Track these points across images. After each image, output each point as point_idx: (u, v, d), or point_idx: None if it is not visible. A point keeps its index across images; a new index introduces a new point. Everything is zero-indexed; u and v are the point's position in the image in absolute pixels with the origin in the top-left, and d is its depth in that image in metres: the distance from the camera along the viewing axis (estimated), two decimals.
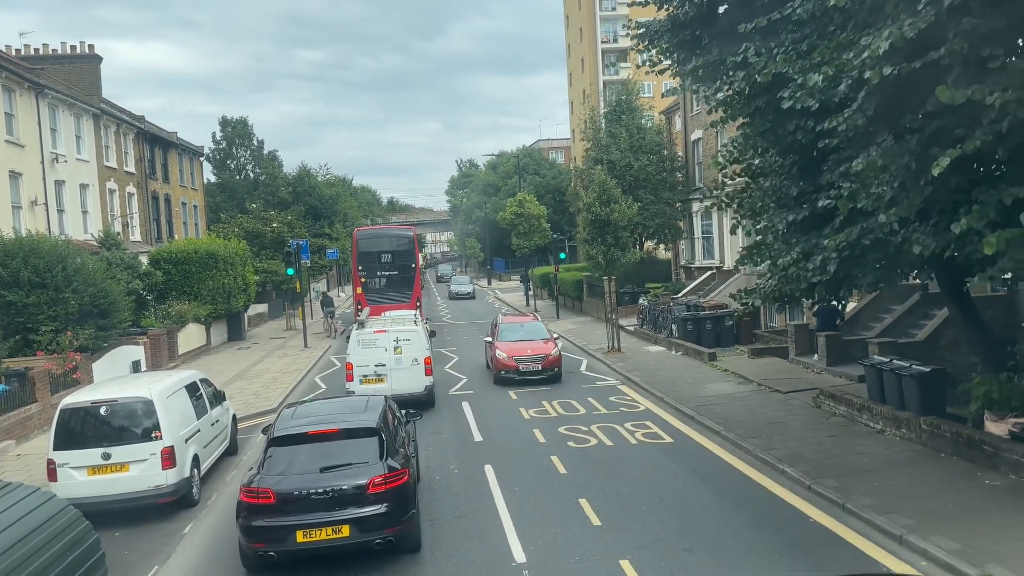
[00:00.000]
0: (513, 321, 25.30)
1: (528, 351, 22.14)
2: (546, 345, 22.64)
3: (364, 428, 10.74)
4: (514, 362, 21.86)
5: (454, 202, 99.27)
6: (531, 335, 23.28)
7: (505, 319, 25.55)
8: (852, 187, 11.58)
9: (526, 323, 24.76)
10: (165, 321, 29.01)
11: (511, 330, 23.67)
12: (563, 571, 9.71)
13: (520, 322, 25.03)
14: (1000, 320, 17.07)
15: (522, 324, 24.50)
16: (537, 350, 22.24)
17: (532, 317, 26.44)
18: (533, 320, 25.57)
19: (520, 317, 27.01)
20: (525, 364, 21.78)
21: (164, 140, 41.16)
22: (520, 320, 25.70)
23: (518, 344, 22.57)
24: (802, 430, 15.13)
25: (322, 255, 51.61)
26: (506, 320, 25.36)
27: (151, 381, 13.61)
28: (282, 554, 9.80)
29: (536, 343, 22.76)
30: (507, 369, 21.92)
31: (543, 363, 21.85)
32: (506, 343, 22.76)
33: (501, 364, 22.12)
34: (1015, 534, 9.53)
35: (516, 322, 24.99)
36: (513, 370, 21.78)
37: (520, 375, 21.71)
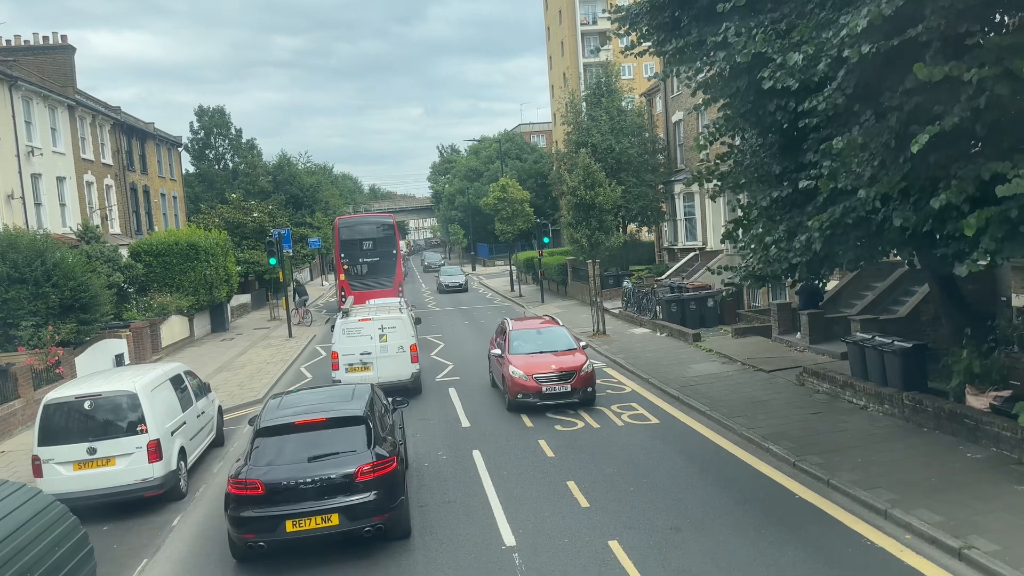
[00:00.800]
0: (526, 326, 19.52)
1: (552, 366, 16.92)
2: (574, 357, 17.41)
3: (351, 417, 10.72)
4: (534, 382, 16.63)
5: (436, 188, 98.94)
6: (552, 344, 18.23)
7: (516, 324, 19.67)
8: (832, 166, 11.64)
9: (544, 329, 19.15)
10: (147, 314, 28.80)
11: (525, 339, 18.43)
12: (553, 553, 9.78)
13: (535, 327, 19.39)
14: (980, 295, 17.26)
15: (539, 330, 19.01)
16: (564, 365, 16.99)
17: (549, 320, 20.34)
18: (551, 324, 19.68)
19: (534, 321, 20.73)
20: (549, 384, 16.61)
21: (141, 131, 40.69)
22: (535, 324, 19.80)
23: (537, 358, 17.41)
24: (786, 408, 15.27)
25: (304, 244, 51.34)
26: (517, 326, 19.46)
27: (135, 374, 13.52)
28: (272, 544, 9.80)
29: (561, 355, 17.55)
30: (525, 392, 16.68)
31: (573, 381, 16.66)
32: (521, 357, 17.47)
33: (517, 385, 16.77)
34: (996, 505, 9.69)
35: (531, 327, 19.34)
36: (534, 393, 16.62)
37: (544, 399, 16.62)
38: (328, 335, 31.20)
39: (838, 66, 10.50)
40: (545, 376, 16.74)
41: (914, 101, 9.84)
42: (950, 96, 9.32)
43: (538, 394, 16.63)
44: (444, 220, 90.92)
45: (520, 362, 17.27)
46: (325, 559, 10.06)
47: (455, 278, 52.80)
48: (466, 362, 23.91)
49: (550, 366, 16.97)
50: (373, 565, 9.87)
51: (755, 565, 9.02)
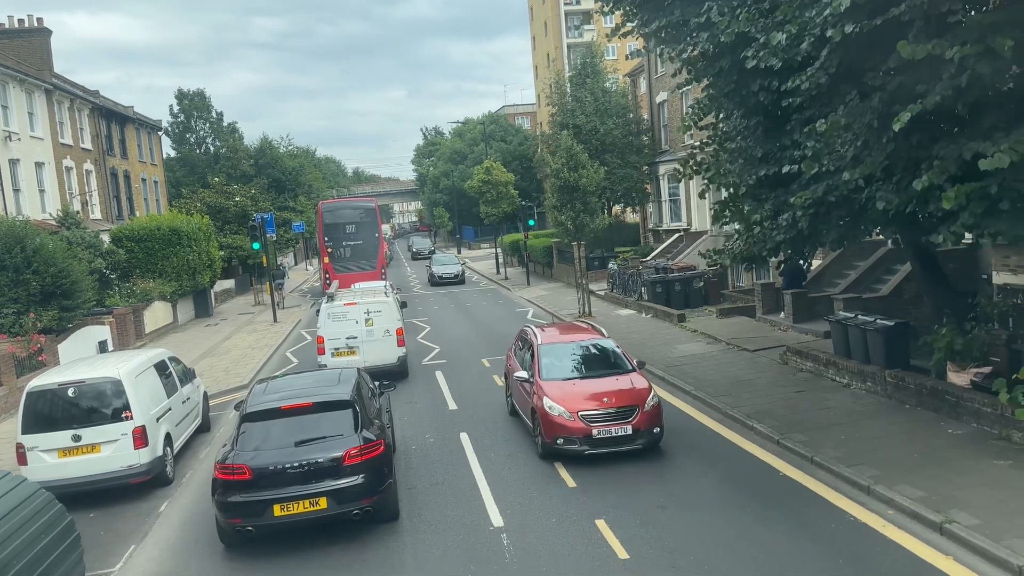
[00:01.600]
0: (560, 338, 14.52)
1: (605, 399, 12.32)
2: (632, 383, 12.81)
3: (338, 401, 10.72)
4: (581, 422, 11.98)
5: (421, 171, 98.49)
6: (598, 364, 13.69)
7: (545, 335, 14.63)
8: (816, 146, 11.68)
9: (585, 341, 14.35)
10: (130, 300, 28.59)
11: (560, 356, 13.75)
12: (540, 533, 9.85)
13: (572, 338, 14.53)
14: (961, 273, 17.42)
15: (579, 345, 14.18)
16: (620, 396, 12.39)
17: (587, 328, 15.49)
18: (591, 334, 14.85)
19: (568, 330, 15.56)
20: (602, 424, 12.00)
21: (120, 115, 40.18)
22: (571, 335, 14.84)
23: (581, 386, 12.82)
24: (770, 387, 15.40)
25: (288, 228, 51.04)
26: (547, 338, 14.45)
27: (119, 361, 13.44)
28: (260, 528, 9.82)
29: (613, 381, 12.93)
30: (568, 435, 12.02)
31: (635, 420, 12.06)
32: (557, 385, 12.80)
33: (556, 426, 12.13)
34: (976, 480, 9.84)
35: (565, 339, 14.45)
36: (581, 436, 11.96)
37: (596, 446, 11.99)
38: (313, 320, 31.09)
39: (821, 45, 10.51)
40: (596, 413, 12.13)
41: (897, 80, 9.87)
42: (932, 75, 9.35)
43: (587, 439, 11.94)
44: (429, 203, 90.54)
45: (558, 392, 12.61)
46: (313, 543, 10.09)
47: (449, 268, 45.22)
48: (453, 345, 23.92)
49: (601, 399, 12.34)
50: (361, 548, 9.90)
51: (739, 542, 9.12)
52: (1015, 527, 8.47)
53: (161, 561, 10.12)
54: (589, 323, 17.10)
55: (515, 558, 9.25)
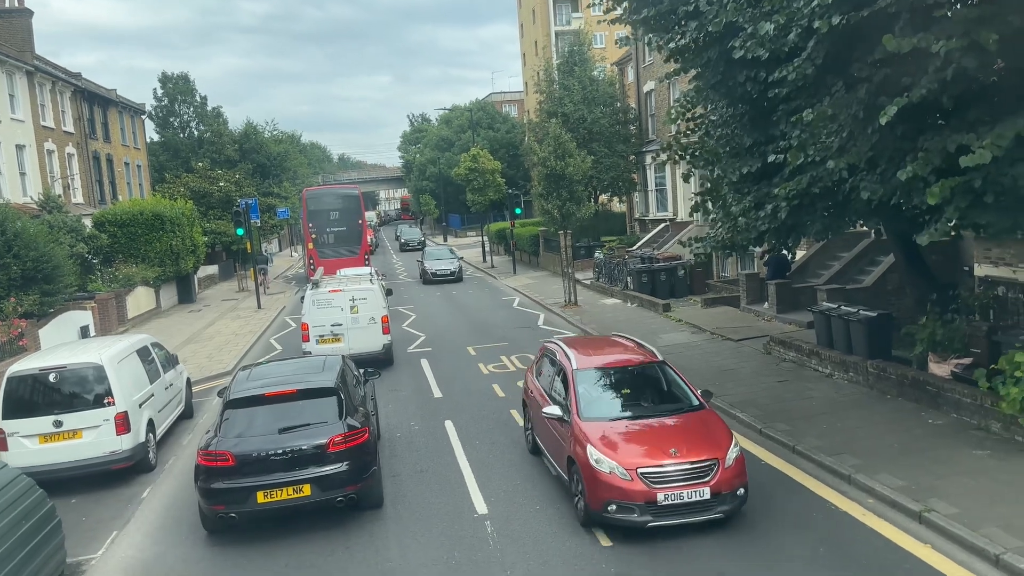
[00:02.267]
0: (600, 361, 11.25)
1: (671, 449, 9.29)
2: (706, 425, 9.93)
3: (322, 388, 10.70)
4: (642, 483, 9.01)
5: (407, 158, 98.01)
6: (655, 397, 10.72)
7: (580, 354, 11.33)
8: (801, 137, 11.72)
9: (633, 362, 11.21)
10: (112, 285, 28.33)
11: (604, 385, 10.77)
12: (524, 520, 9.89)
13: (619, 360, 11.26)
14: (944, 264, 17.57)
15: (628, 368, 11.08)
16: (692, 444, 9.41)
17: (632, 347, 11.88)
18: (639, 352, 11.55)
19: (609, 347, 12.15)
20: (672, 485, 9.03)
21: (103, 98, 39.70)
22: (613, 355, 11.51)
23: (636, 430, 9.81)
24: (753, 376, 15.50)
25: (272, 214, 50.73)
26: (584, 359, 11.18)
27: (101, 346, 13.34)
28: (243, 515, 9.81)
29: (678, 422, 10.02)
30: (624, 500, 9.04)
31: (714, 480, 9.10)
32: (603, 426, 9.82)
33: (606, 487, 9.12)
34: (955, 470, 9.96)
35: (610, 363, 11.17)
36: (642, 503, 8.99)
37: (660, 515, 9.00)
38: (298, 307, 30.97)
39: (808, 36, 10.54)
40: (662, 471, 9.04)
41: (883, 73, 9.91)
42: (918, 68, 9.39)
43: (650, 507, 8.94)
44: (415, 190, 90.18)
45: (606, 439, 9.49)
46: (297, 529, 10.08)
47: (444, 264, 38.58)
48: (438, 333, 23.90)
49: (667, 449, 9.25)
50: (344, 535, 9.91)
51: (720, 532, 9.18)
52: (992, 516, 8.59)
53: (143, 547, 10.08)
54: (632, 340, 11.91)
55: (499, 545, 9.29)
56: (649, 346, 11.84)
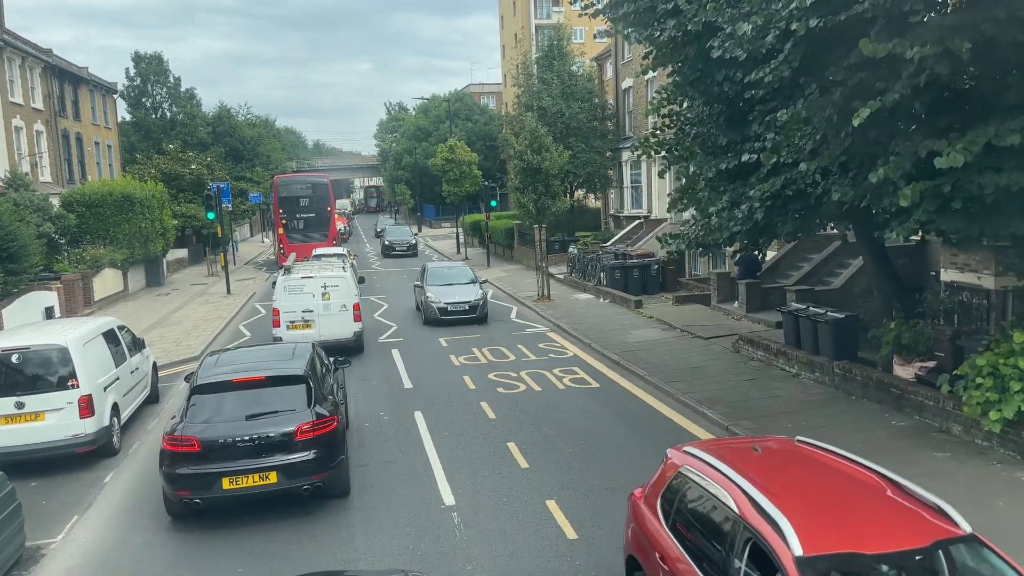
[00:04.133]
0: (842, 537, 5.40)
1: None
2: None
3: (291, 376, 10.61)
4: None
5: (383, 147, 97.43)
6: None
7: (803, 527, 5.32)
8: (776, 139, 11.84)
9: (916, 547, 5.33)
10: (79, 266, 27.87)
11: None
12: (491, 512, 9.91)
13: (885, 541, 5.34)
14: (911, 269, 17.85)
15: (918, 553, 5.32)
16: None
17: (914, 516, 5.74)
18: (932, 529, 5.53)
19: (822, 473, 6.44)
20: None
21: (74, 75, 38.97)
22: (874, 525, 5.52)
23: None
24: (722, 374, 15.65)
25: (244, 199, 50.20)
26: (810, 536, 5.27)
27: (66, 328, 13.12)
28: (208, 501, 9.71)
29: None
30: None
31: None
32: None
33: None
34: (917, 471, 10.11)
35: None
36: None
37: None
38: (267, 293, 30.68)
39: (786, 38, 10.64)
40: None
41: (857, 77, 10.03)
42: (892, 73, 9.53)
43: None
44: (391, 180, 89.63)
45: None
46: (262, 516, 10.01)
47: (461, 293, 25.95)
48: (410, 324, 23.81)
49: None
50: (311, 523, 9.85)
51: None
52: None
53: (105, 532, 9.95)
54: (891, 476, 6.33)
55: (465, 536, 9.30)
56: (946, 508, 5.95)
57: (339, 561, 8.90)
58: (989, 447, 10.65)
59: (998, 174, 9.12)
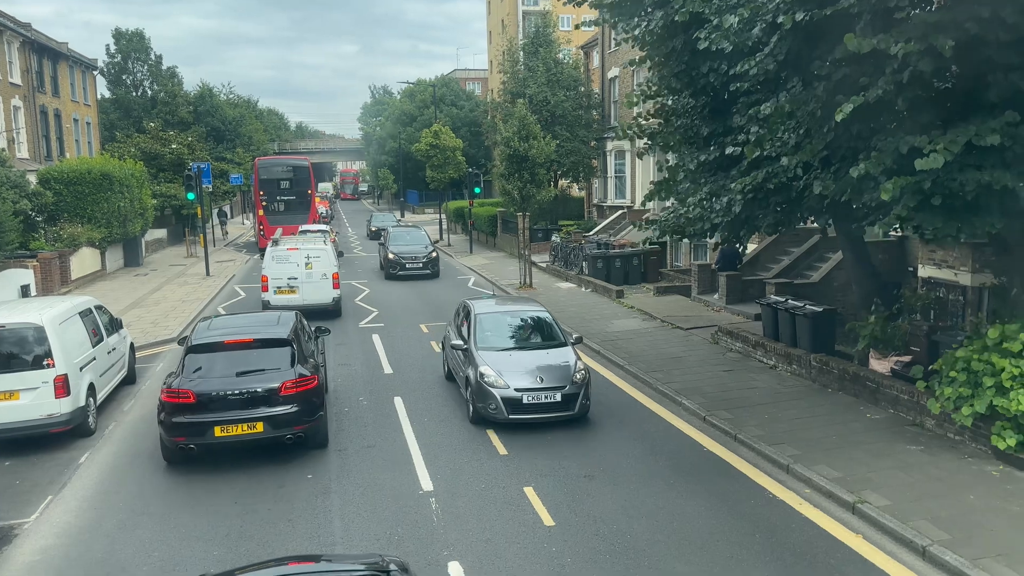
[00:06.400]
0: None
1: None
2: None
3: (277, 339, 11.68)
4: None
5: (367, 130, 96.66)
6: None
7: None
8: (759, 132, 11.88)
9: None
10: (56, 244, 27.52)
11: None
12: (469, 498, 9.93)
13: None
14: (890, 264, 18.04)
15: None
16: None
17: None
18: None
19: None
20: None
21: (53, 51, 38.35)
22: None
23: None
24: (700, 365, 15.75)
25: (225, 180, 49.75)
26: None
27: (42, 306, 12.95)
28: (201, 447, 10.82)
29: None
30: None
31: None
32: None
33: None
34: (890, 463, 10.27)
35: None
36: None
37: None
38: (247, 275, 30.68)
39: (772, 32, 10.67)
40: None
41: (842, 72, 10.09)
42: (876, 69, 9.58)
43: None
44: (374, 164, 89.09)
45: None
46: (239, 499, 10.00)
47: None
48: (391, 309, 23.75)
49: None
50: (289, 508, 9.83)
51: (661, 513, 9.36)
52: (922, 509, 8.90)
53: (79, 513, 9.88)
54: None
55: (443, 522, 9.32)
56: None
57: (317, 545, 8.90)
58: (961, 441, 10.81)
59: (979, 172, 9.21)
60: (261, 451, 11.56)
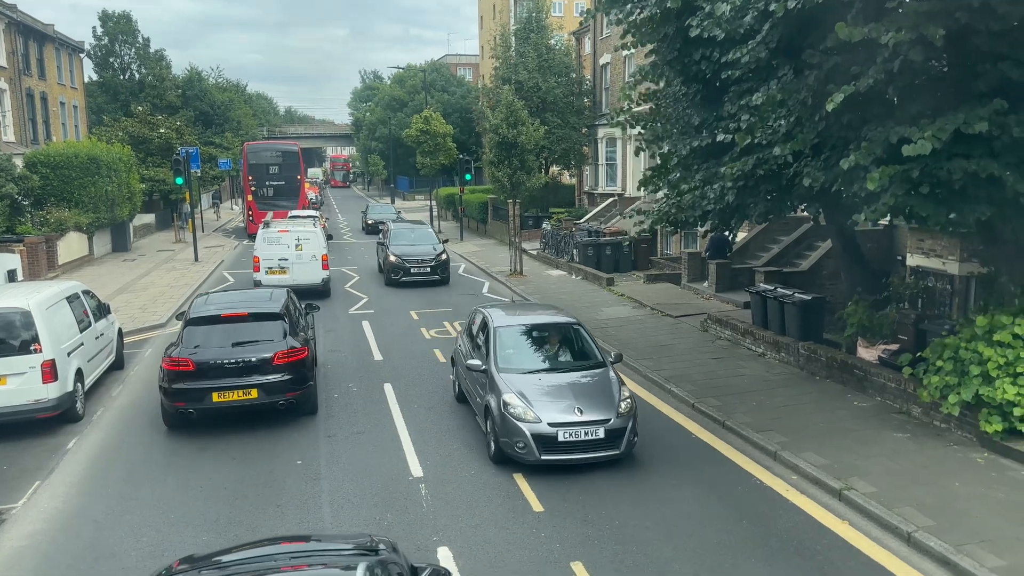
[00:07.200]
0: None
1: None
2: None
3: (270, 313, 12.50)
4: None
5: (357, 116, 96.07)
6: None
7: None
8: (751, 120, 11.88)
9: None
10: (43, 228, 27.32)
11: None
12: (458, 484, 9.96)
13: None
14: (878, 253, 18.12)
15: None
16: None
17: None
18: None
19: None
20: None
21: (40, 32, 37.93)
22: None
23: None
24: (689, 352, 15.81)
25: (213, 164, 49.43)
26: None
27: (29, 291, 12.87)
28: (199, 411, 11.60)
29: None
30: None
31: None
32: None
33: None
34: (877, 451, 10.35)
35: None
36: None
37: None
38: (236, 261, 30.55)
39: (764, 19, 10.64)
40: None
41: (833, 60, 10.08)
42: (867, 58, 9.58)
43: None
44: (364, 150, 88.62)
45: None
46: (228, 482, 9.99)
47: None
48: (381, 296, 23.72)
49: None
50: (278, 493, 9.83)
51: (649, 502, 9.41)
52: (907, 496, 8.98)
53: (67, 498, 9.85)
54: None
55: (432, 507, 9.35)
56: None
57: (306, 531, 8.90)
58: (947, 429, 10.91)
59: (967, 160, 9.24)
60: (251, 438, 11.58)
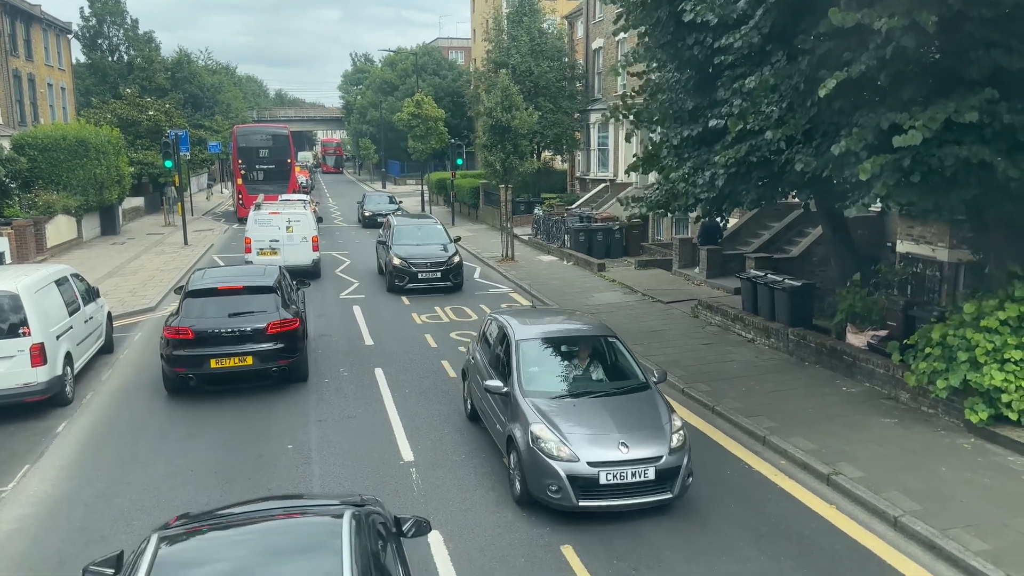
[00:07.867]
0: None
1: None
2: None
3: (264, 286, 13.29)
4: None
5: (348, 99, 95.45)
6: None
7: None
8: (743, 105, 11.86)
9: None
10: (31, 212, 27.12)
11: None
12: (449, 468, 9.99)
13: None
14: (868, 239, 18.17)
15: None
16: None
17: None
18: None
19: None
20: None
21: (26, 13, 37.50)
22: None
23: None
24: (680, 338, 15.86)
25: (203, 147, 49.11)
26: None
27: (17, 274, 12.78)
28: (199, 377, 12.38)
29: None
30: None
31: None
32: None
33: None
34: (865, 436, 10.43)
35: None
36: None
37: None
38: (226, 245, 30.45)
39: (757, 4, 10.61)
40: None
41: (825, 46, 10.06)
42: (859, 44, 9.56)
43: None
44: (355, 134, 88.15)
45: None
46: (219, 464, 9.99)
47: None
48: (372, 281, 23.67)
49: None
50: (268, 477, 9.84)
51: None
52: (894, 481, 9.06)
53: (57, 482, 9.84)
54: None
55: (423, 491, 9.37)
56: None
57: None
58: (935, 415, 10.99)
59: (958, 147, 9.25)
60: (241, 422, 11.57)
